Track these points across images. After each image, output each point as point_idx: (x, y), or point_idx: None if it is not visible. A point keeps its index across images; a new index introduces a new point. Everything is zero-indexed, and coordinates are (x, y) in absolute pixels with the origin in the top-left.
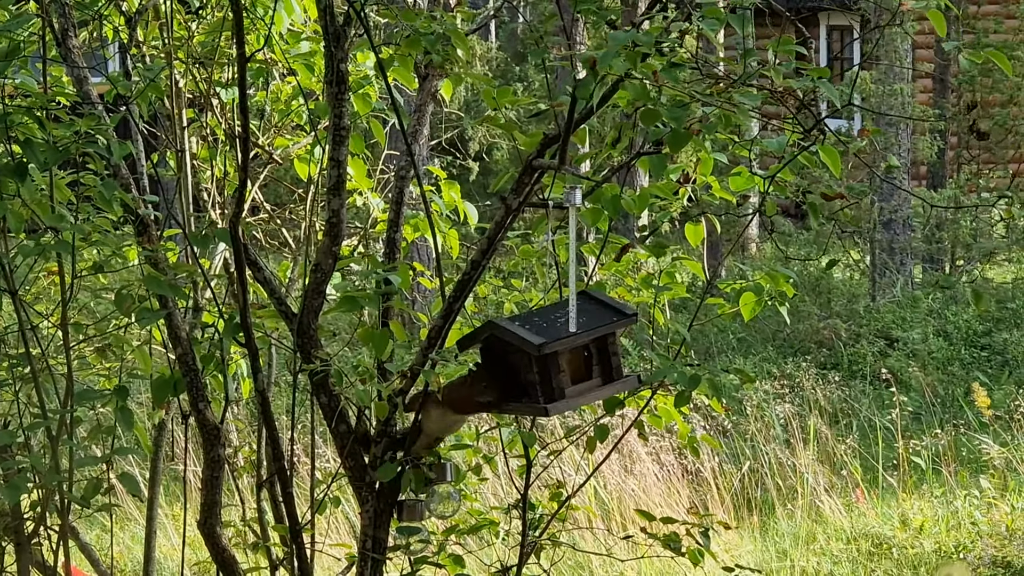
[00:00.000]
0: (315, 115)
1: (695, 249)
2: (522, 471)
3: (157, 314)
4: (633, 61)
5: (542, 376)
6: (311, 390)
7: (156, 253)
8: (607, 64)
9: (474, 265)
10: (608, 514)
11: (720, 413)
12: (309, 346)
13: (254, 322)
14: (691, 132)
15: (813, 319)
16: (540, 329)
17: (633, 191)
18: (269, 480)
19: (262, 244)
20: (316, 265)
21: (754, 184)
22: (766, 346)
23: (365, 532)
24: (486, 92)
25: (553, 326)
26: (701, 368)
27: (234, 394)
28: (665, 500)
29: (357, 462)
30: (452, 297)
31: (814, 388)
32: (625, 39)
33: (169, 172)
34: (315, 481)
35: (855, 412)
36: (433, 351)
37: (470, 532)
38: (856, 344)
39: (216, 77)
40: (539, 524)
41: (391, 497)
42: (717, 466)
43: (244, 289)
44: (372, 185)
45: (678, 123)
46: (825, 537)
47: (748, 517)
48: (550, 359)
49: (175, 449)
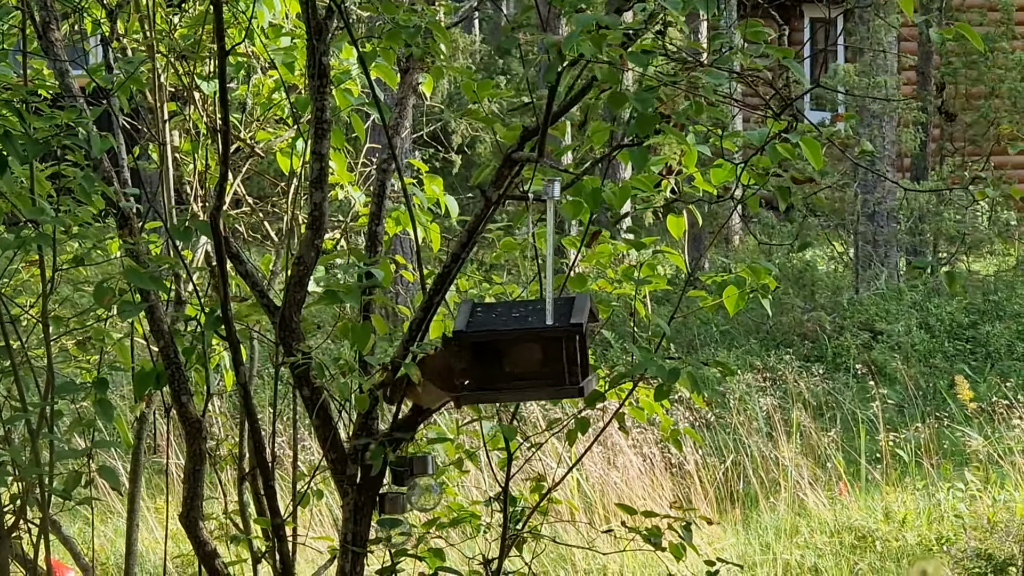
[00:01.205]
0: (297, 109)
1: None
2: (503, 464)
3: (138, 307)
4: (599, 44)
5: (470, 363)
6: (293, 383)
7: (137, 246)
8: (571, 46)
9: (454, 258)
10: (590, 507)
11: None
12: (291, 339)
13: (236, 315)
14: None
15: (796, 311)
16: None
17: (615, 184)
18: (251, 473)
19: (244, 237)
20: (298, 258)
21: (736, 175)
22: (749, 339)
23: (346, 525)
24: (466, 85)
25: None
26: (681, 361)
27: (216, 387)
28: (648, 493)
29: (339, 455)
30: (433, 290)
31: (797, 381)
32: (589, 21)
33: (151, 165)
34: (297, 474)
35: (838, 405)
36: (414, 344)
37: (451, 525)
38: (840, 336)
39: (198, 71)
40: (521, 517)
41: (372, 490)
42: (700, 459)
43: (225, 282)
44: (354, 179)
45: (645, 106)
46: (808, 530)
47: (731, 510)
48: (481, 348)
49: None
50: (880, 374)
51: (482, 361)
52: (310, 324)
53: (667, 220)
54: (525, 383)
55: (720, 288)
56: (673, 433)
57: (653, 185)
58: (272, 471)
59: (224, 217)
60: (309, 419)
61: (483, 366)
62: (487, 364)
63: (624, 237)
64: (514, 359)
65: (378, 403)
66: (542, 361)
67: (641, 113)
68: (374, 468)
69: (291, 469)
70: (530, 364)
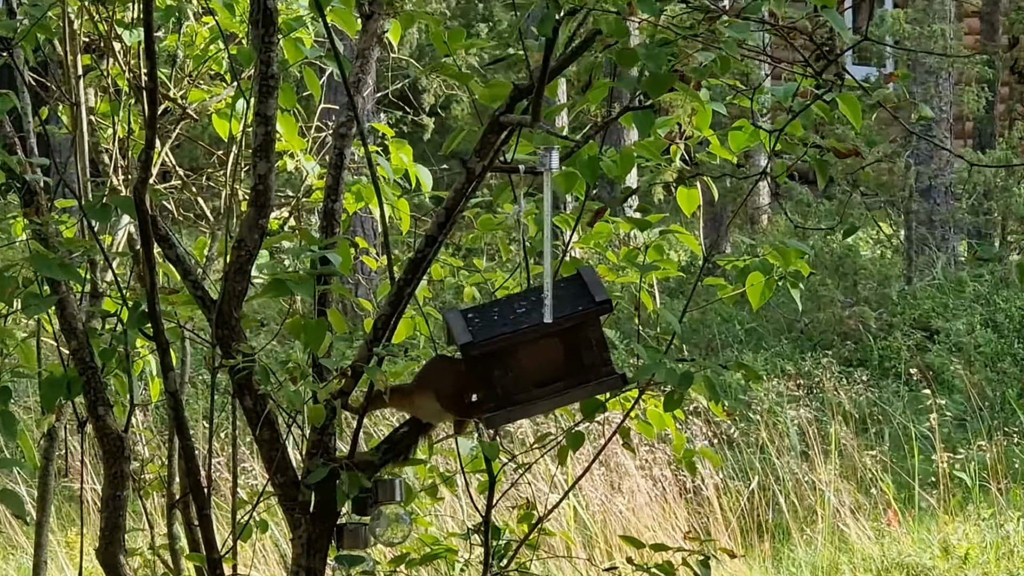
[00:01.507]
0: (237, 62)
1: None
2: (485, 489)
3: (47, 300)
4: None
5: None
6: (233, 391)
7: (46, 227)
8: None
9: (429, 241)
10: (590, 540)
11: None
12: (230, 338)
13: (164, 310)
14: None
15: (836, 306)
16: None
17: (616, 152)
18: (182, 499)
19: (174, 216)
20: (239, 241)
21: (759, 141)
22: (780, 339)
23: (298, 562)
24: (435, 35)
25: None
26: (696, 364)
27: (140, 397)
28: (659, 523)
29: (288, 478)
30: (403, 280)
31: (837, 389)
32: None
33: (61, 130)
34: (238, 501)
35: (887, 418)
36: (379, 345)
37: (423, 562)
38: (888, 336)
39: (119, 17)
40: (506, 552)
41: (329, 520)
42: (721, 483)
43: (152, 270)
44: (306, 146)
45: (657, 63)
46: (851, 568)
47: (758, 544)
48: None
49: (69, 463)
50: (937, 381)
51: (493, 374)
52: (253, 320)
53: (677, 193)
54: (550, 388)
55: (742, 275)
56: (687, 453)
57: (661, 152)
58: (208, 497)
59: (150, 192)
60: (252, 435)
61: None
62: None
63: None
64: (531, 362)
65: (335, 415)
66: (565, 357)
67: (653, 72)
68: (340, 499)
69: (230, 495)
70: (551, 364)
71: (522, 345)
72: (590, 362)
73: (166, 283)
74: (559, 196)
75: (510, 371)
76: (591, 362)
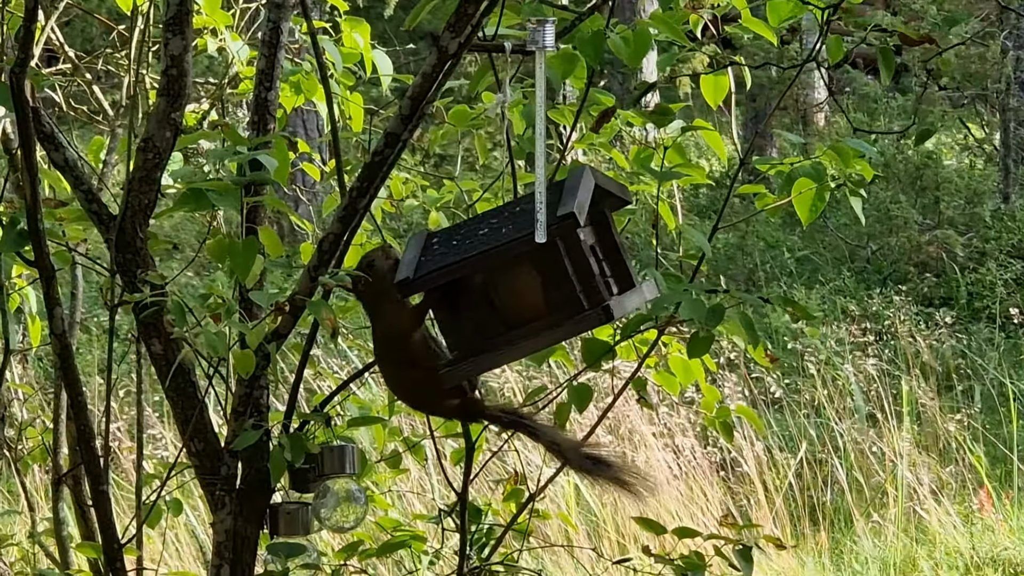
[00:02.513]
0: None
1: (722, 117)
2: (460, 458)
3: None
4: None
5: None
6: (138, 334)
7: None
8: None
9: (390, 140)
10: (596, 526)
11: (765, 366)
12: (135, 266)
13: (49, 228)
14: None
15: (912, 229)
16: (446, 249)
17: (629, 29)
18: (71, 474)
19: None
20: (146, 141)
21: (808, 12)
22: (840, 270)
23: (220, 553)
24: None
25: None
26: (730, 295)
27: (18, 342)
28: (684, 506)
29: (207, 444)
30: (355, 189)
31: (913, 335)
32: None
33: None
34: (143, 475)
35: (977, 372)
36: (326, 272)
37: (381, 553)
38: (979, 268)
39: None
40: (488, 540)
41: (260, 499)
42: (763, 454)
43: (34, 177)
44: (232, 21)
45: None
46: (932, 564)
47: (813, 531)
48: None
49: None
50: None
51: (455, 314)
52: (164, 242)
53: (701, 82)
54: (525, 329)
55: (788, 182)
56: (720, 412)
57: (683, 30)
58: (105, 471)
59: (31, 79)
60: (162, 390)
61: (453, 323)
62: (464, 315)
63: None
64: (504, 298)
65: (268, 363)
66: (543, 287)
67: None
68: (275, 471)
69: (133, 469)
70: (527, 297)
71: (483, 276)
72: (567, 292)
73: (52, 195)
74: (554, 84)
75: (472, 310)
76: (568, 292)
